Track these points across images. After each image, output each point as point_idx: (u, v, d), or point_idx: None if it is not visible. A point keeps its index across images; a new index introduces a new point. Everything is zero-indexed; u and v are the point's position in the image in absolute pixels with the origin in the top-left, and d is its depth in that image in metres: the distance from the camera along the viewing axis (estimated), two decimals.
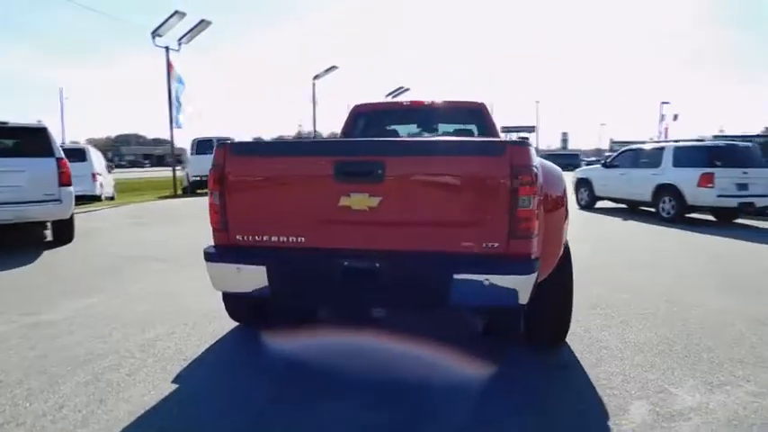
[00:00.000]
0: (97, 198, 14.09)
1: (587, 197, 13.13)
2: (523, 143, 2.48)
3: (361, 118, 5.09)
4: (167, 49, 16.06)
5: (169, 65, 16.02)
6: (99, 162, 15.24)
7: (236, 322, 3.79)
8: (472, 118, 4.94)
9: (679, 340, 3.56)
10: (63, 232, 7.37)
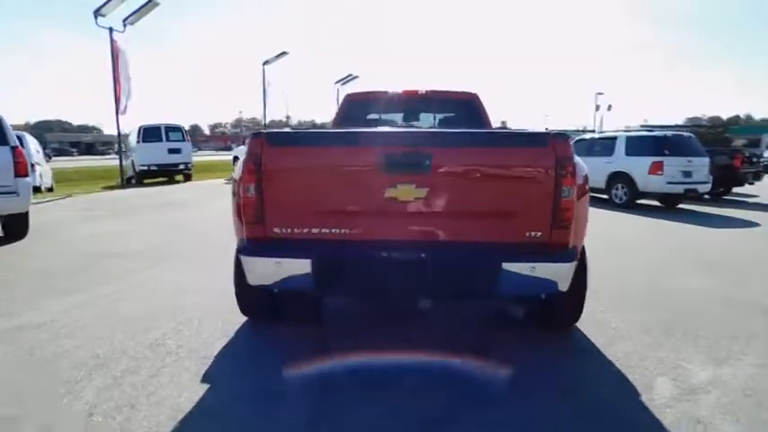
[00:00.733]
0: (37, 189, 13.09)
1: None
2: (563, 135, 2.56)
3: (354, 106, 5.03)
4: (111, 30, 15.04)
5: (114, 47, 15.01)
6: (37, 150, 14.15)
7: (242, 318, 3.68)
8: (466, 108, 5.00)
9: (675, 320, 3.80)
10: (17, 227, 6.82)
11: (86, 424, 2.37)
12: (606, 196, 11.45)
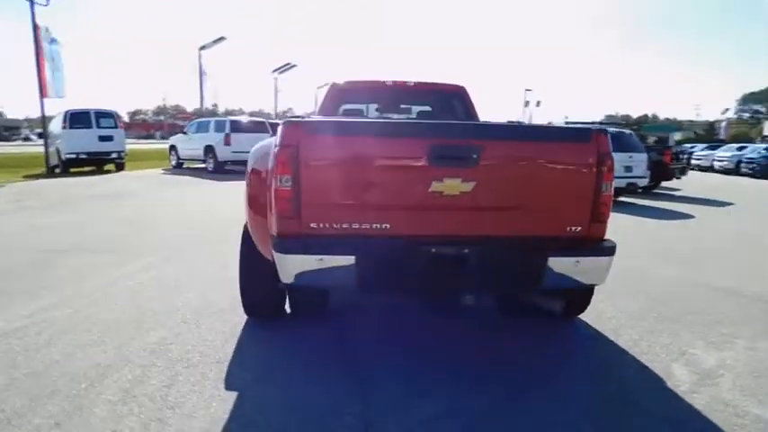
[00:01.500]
0: None
1: None
2: (603, 131, 2.60)
3: (341, 95, 4.87)
4: (32, 3, 13.65)
5: (35, 23, 13.64)
6: None
7: (243, 317, 3.47)
8: (454, 100, 4.99)
9: (663, 307, 4.02)
10: None
11: None
12: None
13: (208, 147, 16.11)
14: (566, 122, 28.29)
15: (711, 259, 5.84)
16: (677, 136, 35.26)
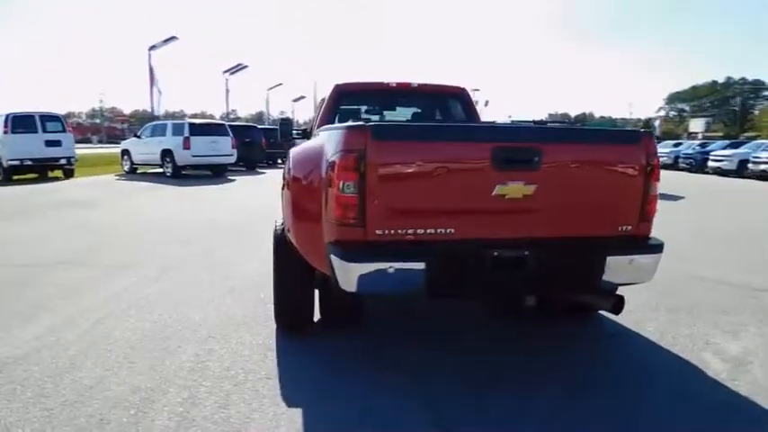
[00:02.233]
0: None
1: None
2: (650, 133, 2.69)
3: (344, 97, 4.79)
4: None
5: None
6: None
7: (272, 327, 3.36)
8: (455, 102, 5.02)
9: (668, 299, 4.20)
10: None
11: None
12: None
13: (165, 151, 15.42)
14: (512, 121, 29.34)
15: (692, 251, 6.17)
16: None
